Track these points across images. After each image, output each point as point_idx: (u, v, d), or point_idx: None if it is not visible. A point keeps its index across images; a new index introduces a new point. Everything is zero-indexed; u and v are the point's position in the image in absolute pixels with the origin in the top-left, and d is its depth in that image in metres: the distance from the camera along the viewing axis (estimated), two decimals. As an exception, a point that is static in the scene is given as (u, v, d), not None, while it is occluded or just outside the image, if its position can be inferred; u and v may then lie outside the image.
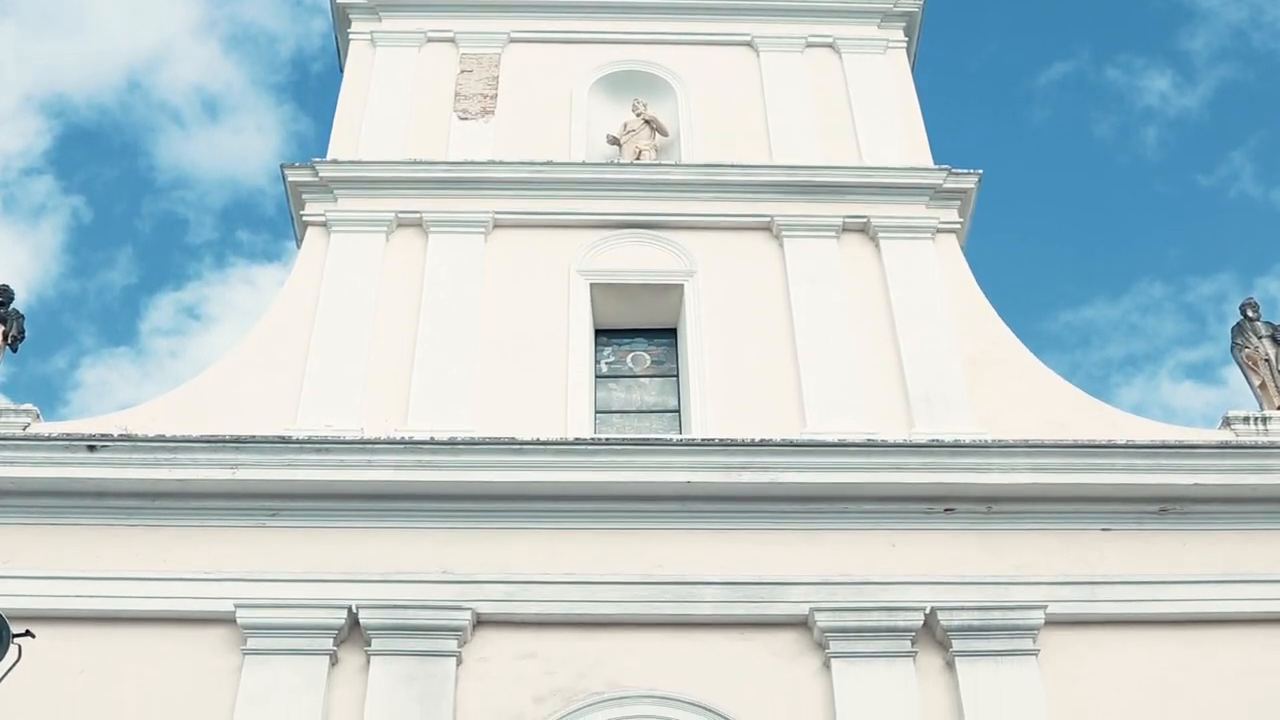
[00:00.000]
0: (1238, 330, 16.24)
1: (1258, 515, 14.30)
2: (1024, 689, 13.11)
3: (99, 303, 50.94)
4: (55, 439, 14.05)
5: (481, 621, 13.40)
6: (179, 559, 13.70)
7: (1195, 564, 14.01)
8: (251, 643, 13.13)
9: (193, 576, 13.55)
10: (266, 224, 52.97)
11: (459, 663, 13.14)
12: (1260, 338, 16.01)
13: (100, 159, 52.38)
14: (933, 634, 13.43)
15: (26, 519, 13.88)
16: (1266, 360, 15.80)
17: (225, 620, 13.29)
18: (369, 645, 13.15)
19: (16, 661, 9.64)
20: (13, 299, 15.67)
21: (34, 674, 11.24)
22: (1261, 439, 14.68)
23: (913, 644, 13.33)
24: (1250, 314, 16.30)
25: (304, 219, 17.48)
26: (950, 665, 13.31)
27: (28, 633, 9.88)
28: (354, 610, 13.24)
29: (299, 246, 17.56)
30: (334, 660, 13.12)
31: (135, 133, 51.84)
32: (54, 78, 51.53)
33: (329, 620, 13.18)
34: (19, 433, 14.25)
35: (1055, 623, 13.52)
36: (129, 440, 13.99)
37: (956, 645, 13.29)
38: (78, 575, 13.49)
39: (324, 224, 17.25)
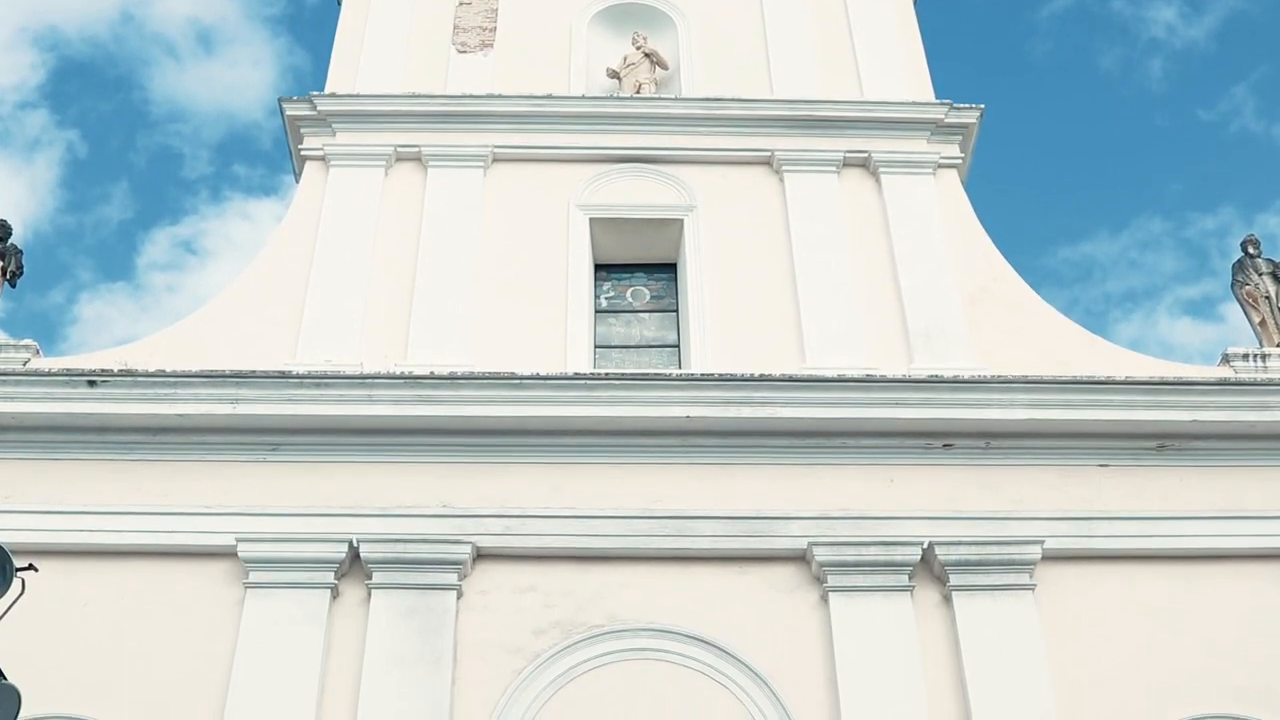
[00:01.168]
0: (1238, 267, 16.21)
1: (1256, 452, 14.34)
2: (1020, 623, 13.19)
3: (95, 238, 50.84)
4: (55, 374, 14.06)
5: (481, 555, 13.48)
6: (180, 493, 13.76)
7: (1192, 500, 14.06)
8: (253, 576, 13.21)
9: (194, 511, 13.62)
10: (263, 158, 52.76)
11: (459, 596, 13.24)
12: (1261, 274, 15.98)
13: (94, 92, 52.09)
14: (930, 568, 13.51)
15: (28, 454, 13.92)
16: (1267, 297, 15.77)
17: (227, 554, 13.37)
18: (370, 579, 13.24)
19: (20, 595, 9.66)
20: (10, 234, 15.62)
21: (37, 608, 11.30)
22: (1260, 376, 14.69)
23: (910, 578, 13.41)
24: (1251, 250, 16.26)
25: (302, 153, 17.39)
26: (947, 600, 13.39)
27: (31, 566, 9.89)
28: (355, 544, 13.31)
29: (297, 181, 17.49)
30: (335, 594, 13.21)
31: (129, 66, 51.52)
32: (47, 10, 51.17)
33: (330, 554, 13.26)
34: (19, 368, 14.26)
35: (1052, 558, 13.59)
36: (129, 375, 14.00)
37: (953, 580, 13.37)
38: (80, 510, 13.55)
39: (322, 158, 17.18)
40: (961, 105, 17.72)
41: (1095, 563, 13.74)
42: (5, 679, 9.47)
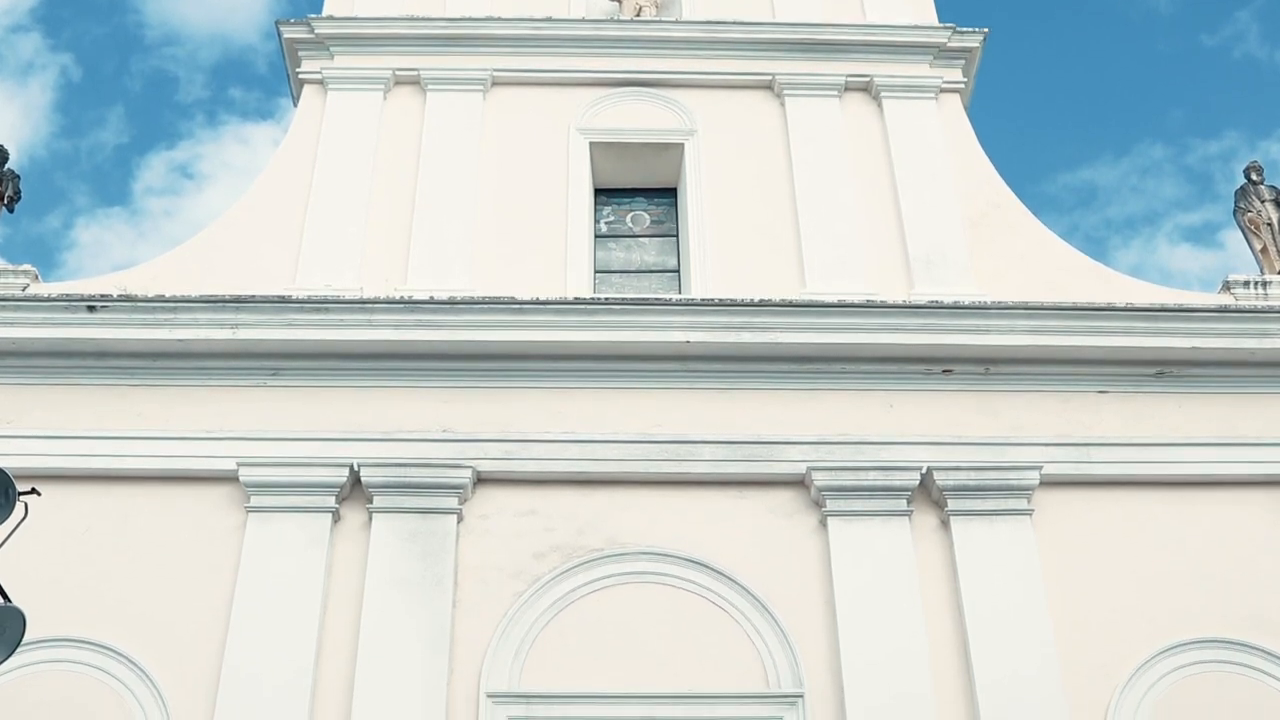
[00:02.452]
0: (1240, 194, 16.14)
1: (1255, 379, 14.35)
2: (1018, 548, 13.27)
3: (91, 162, 50.59)
4: (55, 299, 14.03)
5: (482, 479, 13.53)
6: (181, 418, 13.78)
7: (1190, 427, 14.09)
8: (255, 500, 13.27)
9: (195, 436, 13.64)
10: (259, 81, 52.33)
11: (460, 520, 13.30)
12: (1263, 201, 15.91)
13: (88, 15, 51.57)
14: (929, 493, 13.57)
15: (29, 379, 13.92)
16: (1268, 224, 15.72)
17: (228, 478, 13.42)
18: (371, 503, 13.30)
19: (23, 519, 9.68)
20: (7, 159, 15.52)
21: (40, 532, 11.36)
22: (1261, 303, 14.68)
23: (908, 503, 13.48)
24: (1254, 177, 16.18)
25: (300, 77, 17.26)
26: (945, 524, 13.46)
27: (33, 490, 9.92)
28: (355, 468, 13.36)
29: (295, 105, 17.36)
30: (336, 518, 13.28)
31: (122, -12, 50.98)
32: (38, -69, 50.55)
33: (331, 478, 13.31)
34: (18, 294, 14.22)
35: (1050, 483, 13.64)
36: (128, 300, 13.98)
37: (952, 505, 13.43)
38: (81, 435, 13.58)
39: (320, 82, 17.05)
40: (965, 29, 17.56)
41: (1093, 488, 13.80)
42: (10, 601, 9.53)
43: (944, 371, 14.17)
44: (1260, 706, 12.63)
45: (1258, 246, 15.71)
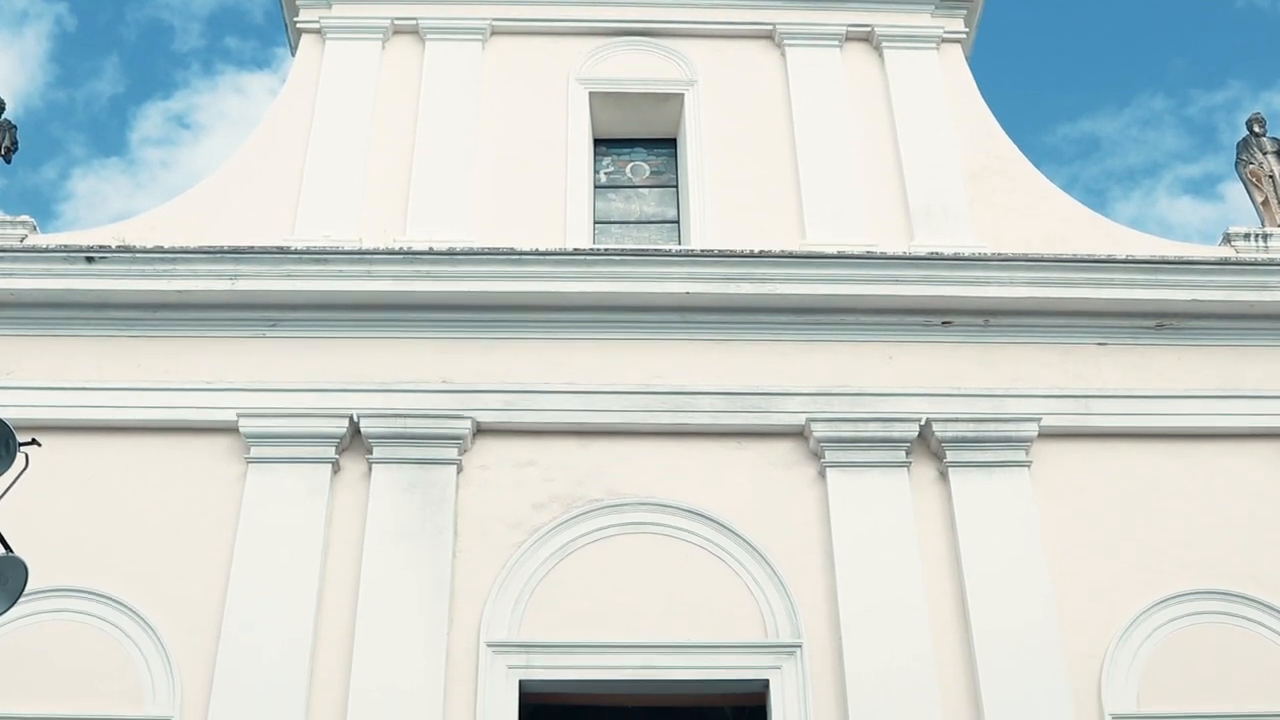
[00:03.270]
0: (1243, 145, 16.06)
1: (1255, 332, 14.35)
2: (1016, 500, 13.31)
3: (87, 113, 50.31)
4: (53, 250, 14.00)
5: (481, 430, 13.55)
6: (181, 369, 13.78)
7: (1190, 379, 14.10)
8: (255, 451, 13.29)
9: (195, 387, 13.65)
10: (255, 31, 51.90)
11: (459, 470, 13.33)
12: (1265, 153, 15.83)
13: (82, -36, 51.14)
14: (927, 445, 13.60)
15: (28, 330, 13.92)
16: (1270, 177, 15.66)
17: (229, 429, 13.44)
18: (370, 453, 13.33)
19: (24, 470, 9.70)
20: (3, 109, 15.43)
21: (41, 483, 11.36)
22: (1262, 256, 14.65)
23: (907, 454, 13.50)
24: (1257, 129, 16.09)
25: (298, 26, 17.13)
26: (944, 476, 13.50)
27: (34, 441, 9.93)
28: (355, 419, 13.38)
29: (293, 54, 17.26)
30: (336, 468, 13.31)
31: (115, -65, 50.55)
32: (29, -124, 50.03)
33: (331, 429, 13.33)
34: (16, 244, 14.19)
35: (1049, 435, 13.66)
36: (127, 251, 13.95)
37: (950, 456, 13.46)
38: (81, 386, 13.58)
39: (318, 31, 16.94)
40: (967, -22, 17.46)
41: (1092, 440, 13.82)
42: (12, 551, 9.57)
43: (943, 323, 14.17)
44: (1256, 658, 12.70)
45: (1259, 199, 15.66)
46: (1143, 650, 12.67)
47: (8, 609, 9.43)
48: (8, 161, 15.40)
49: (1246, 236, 15.04)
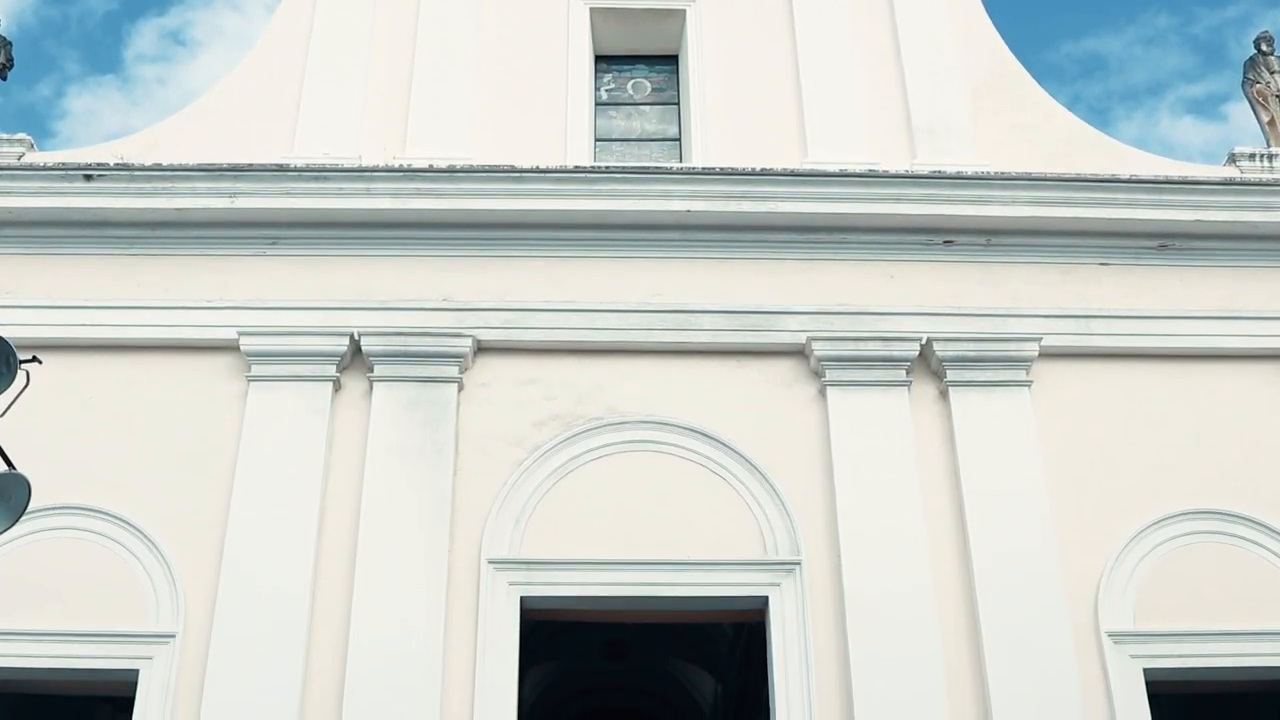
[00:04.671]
0: (1250, 64, 15.90)
1: (1258, 253, 14.30)
2: (1015, 419, 13.33)
3: (81, 30, 49.79)
4: (51, 168, 13.93)
5: (482, 348, 13.55)
6: (181, 287, 13.76)
7: (1191, 300, 14.07)
8: (255, 369, 13.30)
9: (195, 305, 13.64)
10: (250, -55, 51.22)
11: (460, 388, 13.35)
12: (1272, 73, 15.67)
13: (74, -124, 50.36)
14: (928, 364, 13.60)
15: (27, 249, 13.87)
16: (1277, 96, 15.53)
17: (229, 348, 13.44)
18: (371, 371, 13.34)
19: (24, 388, 9.73)
20: (-1, 26, 15.31)
21: (42, 401, 11.38)
22: (1266, 176, 14.55)
23: (907, 374, 13.51)
24: (1264, 48, 15.91)
25: (296, -60, 16.92)
26: (944, 395, 13.51)
27: (34, 358, 9.94)
28: (356, 337, 13.38)
29: (291, -31, 17.05)
30: (337, 386, 13.33)
31: None
32: None
33: (331, 347, 13.33)
34: (14, 163, 14.11)
35: (1049, 355, 13.66)
36: (126, 169, 13.87)
37: (951, 375, 13.47)
38: (81, 305, 13.57)
39: (317, -56, 16.72)
40: (969, -109, 17.18)
41: (1092, 360, 13.82)
42: (14, 468, 9.60)
43: (945, 242, 14.12)
44: (1252, 577, 12.78)
45: (1265, 119, 15.53)
46: (1139, 569, 12.75)
47: (11, 526, 9.49)
48: (3, 79, 15.28)
49: (1252, 157, 14.94)
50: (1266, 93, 15.59)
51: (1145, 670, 12.31)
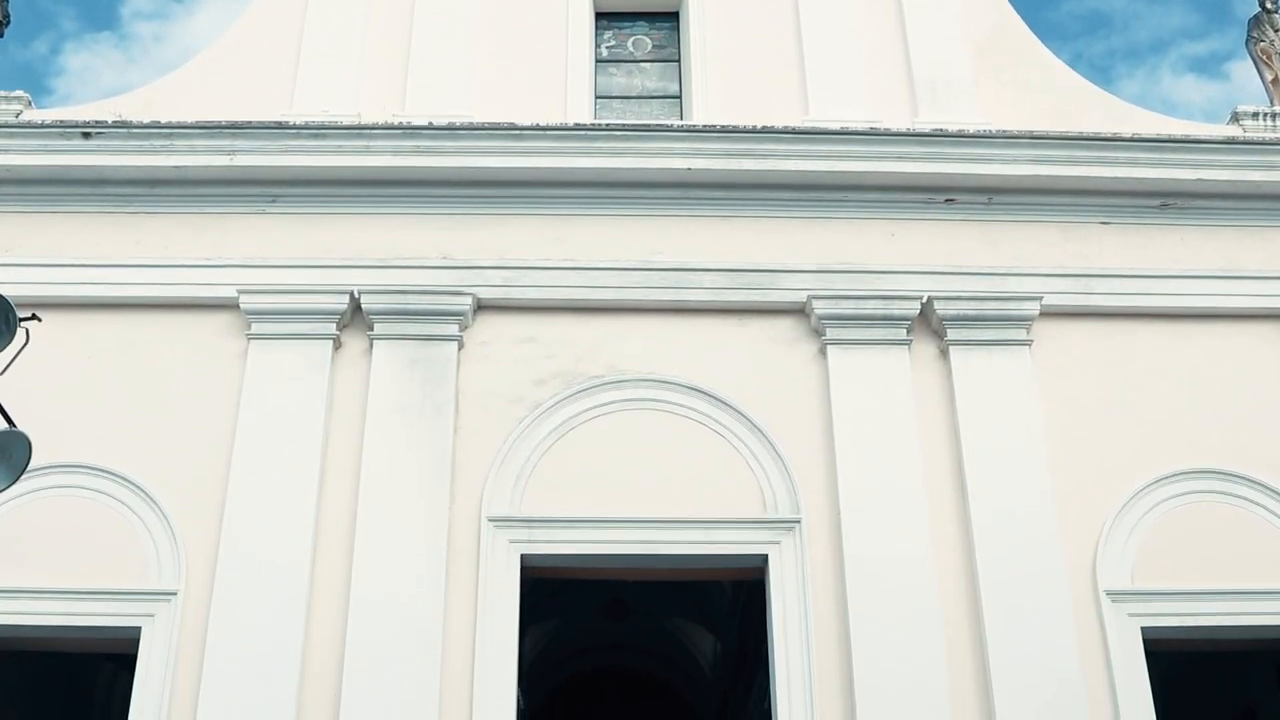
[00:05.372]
0: (1254, 22, 15.80)
1: (1259, 212, 14.25)
2: (1016, 378, 13.34)
3: (77, -15, 49.52)
4: (49, 126, 13.91)
5: (482, 306, 13.54)
6: (181, 245, 13.74)
7: (1192, 259, 14.04)
8: (256, 327, 13.29)
9: (195, 263, 13.62)
10: (249, -101, 50.59)
11: (460, 346, 13.35)
12: (1277, 30, 15.59)
13: None
14: (928, 323, 13.59)
15: (26, 207, 13.85)
16: (1281, 54, 15.47)
17: (229, 306, 13.43)
18: (371, 329, 13.33)
19: (24, 346, 9.72)
20: (-6, -20, 15.21)
21: (43, 360, 11.38)
22: (1270, 135, 14.51)
23: (908, 332, 13.50)
24: (1269, 5, 15.81)
25: (294, -104, 16.78)
26: (944, 354, 13.51)
27: (34, 316, 9.94)
28: (356, 295, 13.36)
29: (289, -75, 16.91)
30: (337, 344, 13.32)
31: None
32: None
33: (331, 305, 13.32)
34: (12, 120, 14.09)
35: (1050, 314, 13.65)
36: (124, 127, 13.83)
37: (951, 334, 13.45)
38: (81, 262, 13.56)
39: (314, -100, 16.58)
40: None
41: (1093, 319, 13.82)
42: (15, 426, 9.61)
43: (946, 201, 14.08)
44: (1251, 536, 12.82)
45: (1269, 77, 15.45)
46: (1138, 528, 12.78)
47: (12, 483, 9.50)
48: (0, 36, 15.19)
49: (1255, 116, 14.88)
50: (1271, 51, 15.51)
51: (1143, 629, 12.36)
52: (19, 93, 14.49)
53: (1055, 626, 12.17)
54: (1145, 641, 12.32)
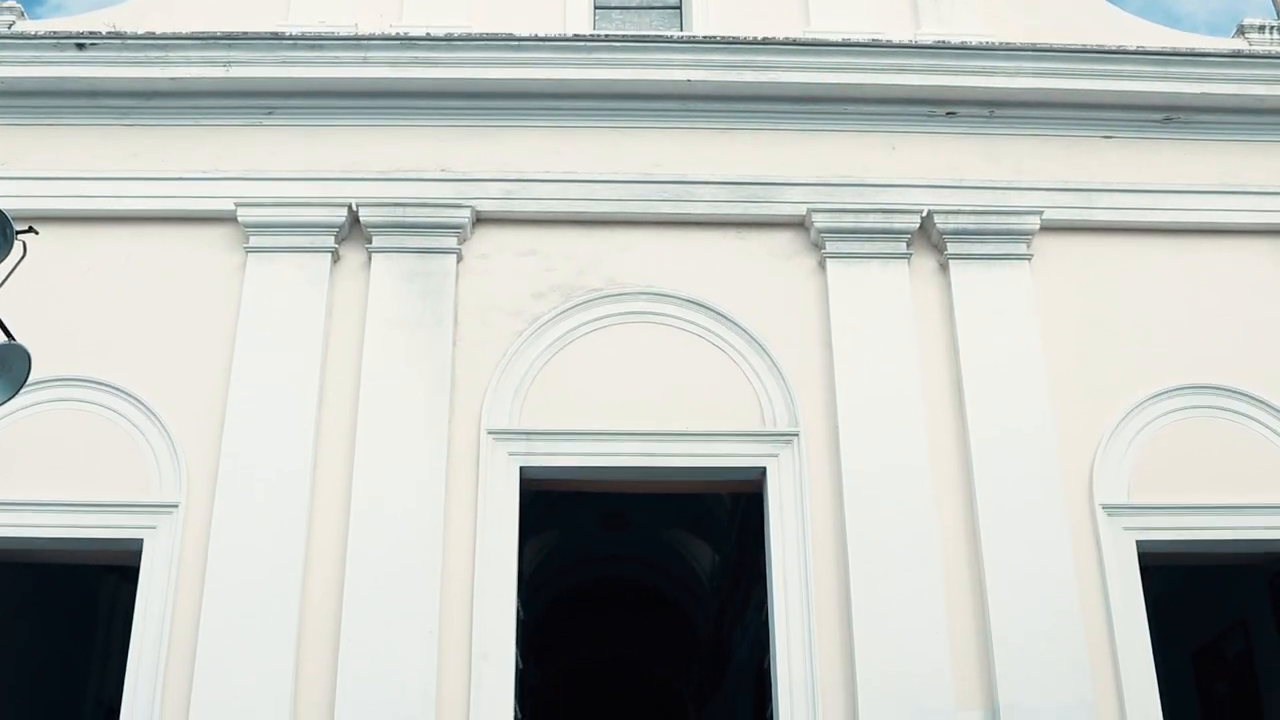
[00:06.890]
0: (1261, -68, 15.63)
1: (1263, 127, 14.14)
2: (1015, 292, 13.32)
3: (66, -110, 48.77)
4: (42, 37, 13.74)
5: (481, 219, 13.50)
6: (177, 158, 13.65)
7: (1195, 174, 13.96)
8: (254, 241, 13.25)
9: (192, 176, 13.54)
10: None
11: (459, 259, 13.31)
12: (1284, -58, 15.43)
13: None
14: (928, 237, 13.55)
15: (20, 119, 13.74)
16: (1289, -35, 15.30)
17: (226, 219, 13.37)
18: (370, 243, 13.30)
19: (22, 258, 9.72)
20: (-20, -112, 14.97)
21: (40, 274, 11.40)
22: (1276, 48, 14.37)
23: (908, 246, 13.46)
24: (1277, -84, 15.65)
25: None
26: (944, 268, 13.48)
27: (31, 229, 9.92)
28: (354, 208, 13.31)
29: None
30: (336, 258, 13.29)
31: None
32: None
33: (329, 218, 13.27)
34: (5, 31, 13.92)
35: (1051, 228, 13.59)
36: (118, 38, 13.68)
37: (951, 248, 13.42)
38: (77, 176, 13.47)
39: None
40: None
41: (1094, 234, 13.76)
42: (14, 339, 9.62)
43: (947, 114, 13.99)
44: (1248, 452, 12.85)
45: (1276, -11, 15.32)
46: (1135, 443, 12.83)
47: (11, 397, 9.54)
48: (-8, -53, 15.00)
49: (1261, 29, 14.74)
50: (1278, -38, 15.35)
51: (1138, 542, 12.42)
52: (11, 3, 14.32)
53: (1050, 538, 12.24)
54: (1140, 555, 12.39)
